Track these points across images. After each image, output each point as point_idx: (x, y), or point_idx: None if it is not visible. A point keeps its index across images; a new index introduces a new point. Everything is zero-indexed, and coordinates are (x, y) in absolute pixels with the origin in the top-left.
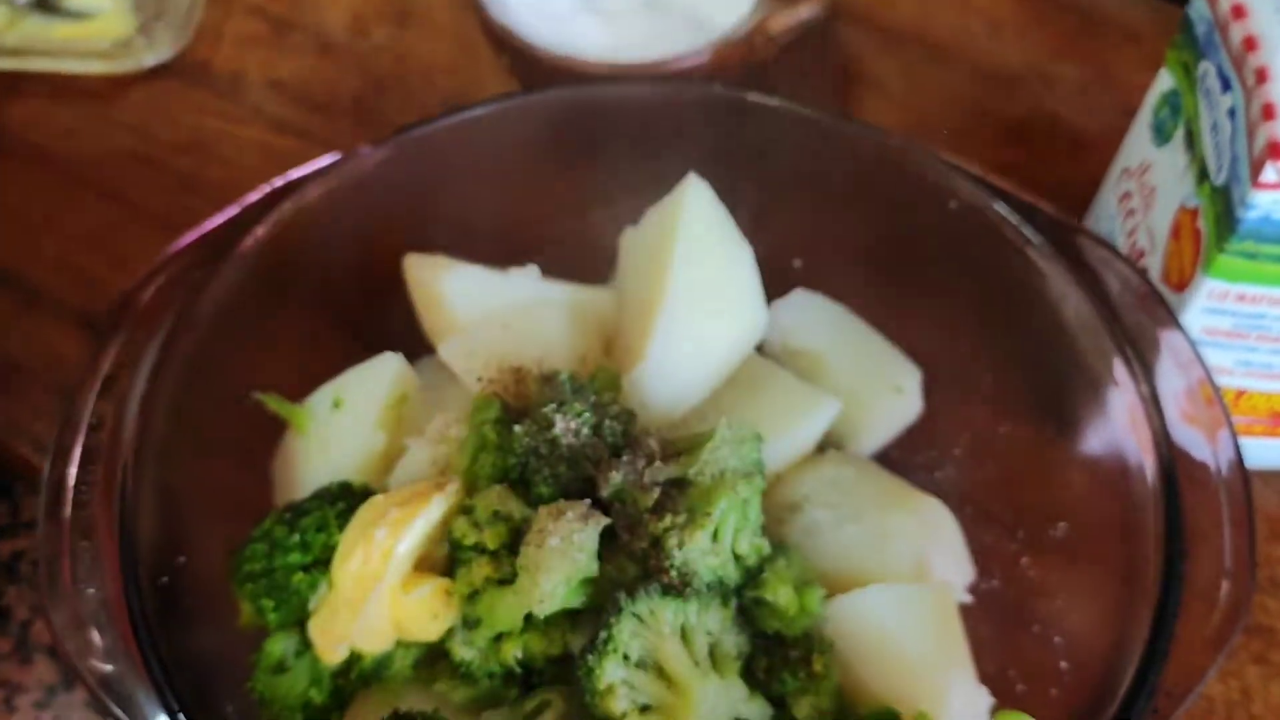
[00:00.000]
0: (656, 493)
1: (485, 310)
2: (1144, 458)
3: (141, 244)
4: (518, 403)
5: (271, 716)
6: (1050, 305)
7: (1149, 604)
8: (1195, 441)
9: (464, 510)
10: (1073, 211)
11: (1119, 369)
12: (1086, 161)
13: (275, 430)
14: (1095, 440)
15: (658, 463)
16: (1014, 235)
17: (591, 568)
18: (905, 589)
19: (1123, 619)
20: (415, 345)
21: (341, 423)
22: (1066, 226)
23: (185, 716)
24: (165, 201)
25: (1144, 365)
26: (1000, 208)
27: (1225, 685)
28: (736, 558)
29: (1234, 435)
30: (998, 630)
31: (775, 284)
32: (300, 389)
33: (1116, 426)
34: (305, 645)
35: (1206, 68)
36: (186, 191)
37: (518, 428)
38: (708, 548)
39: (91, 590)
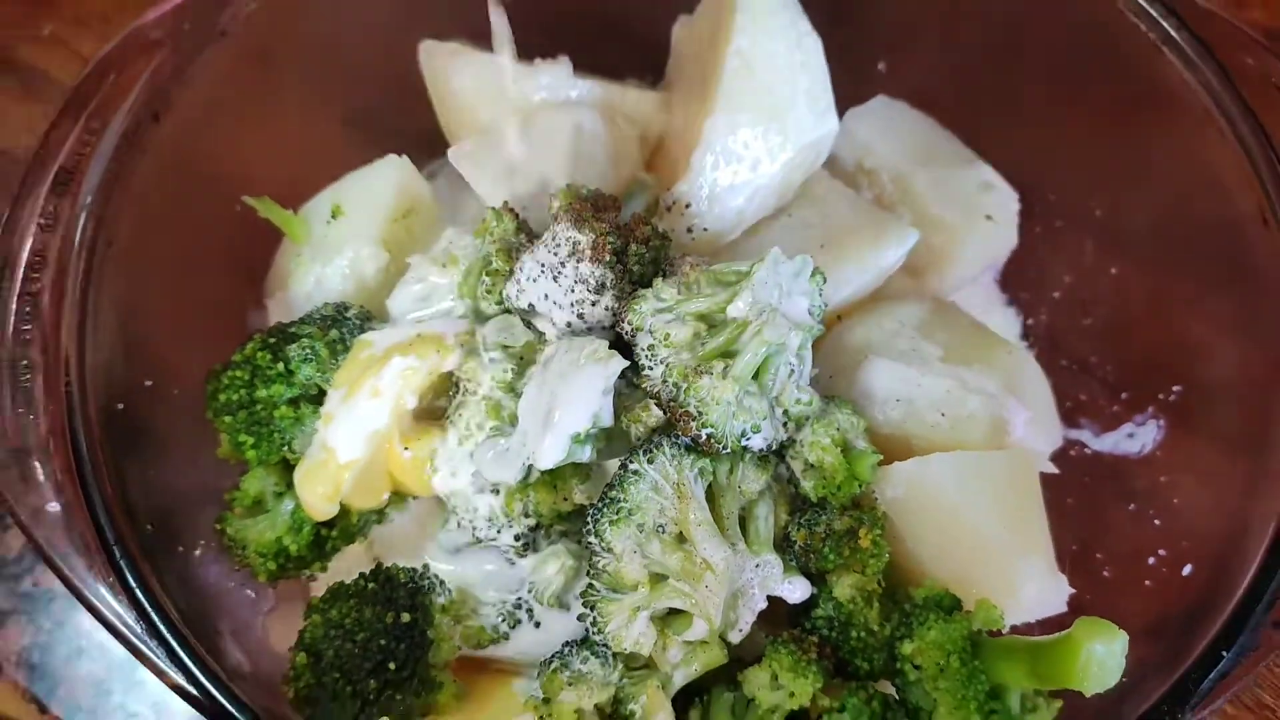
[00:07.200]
0: (687, 331)
1: (507, 108)
2: None
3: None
4: (538, 216)
5: (242, 562)
6: (1187, 119)
7: None
8: None
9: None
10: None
11: (1269, 201)
12: None
13: (270, 240)
14: (1230, 289)
15: (700, 298)
16: (1148, 28)
17: (606, 417)
18: (976, 456)
19: (1244, 505)
20: (438, 148)
21: (340, 234)
22: (1211, 18)
23: (128, 563)
24: None
25: None
26: None
27: None
28: (779, 411)
29: None
30: (1086, 504)
31: (852, 88)
32: (298, 193)
33: (1260, 273)
34: (287, 486)
35: None
36: None
37: (525, 255)
38: (745, 397)
39: (34, 418)
